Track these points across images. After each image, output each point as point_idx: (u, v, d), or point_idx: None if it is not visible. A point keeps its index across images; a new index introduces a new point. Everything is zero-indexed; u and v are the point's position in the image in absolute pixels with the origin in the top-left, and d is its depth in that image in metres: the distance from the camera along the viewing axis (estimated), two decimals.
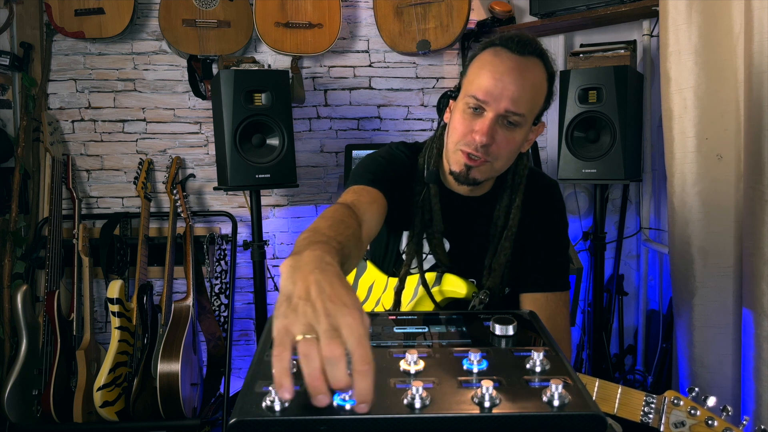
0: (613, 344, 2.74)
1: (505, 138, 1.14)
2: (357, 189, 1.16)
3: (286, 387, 0.57)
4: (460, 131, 1.16)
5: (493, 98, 1.11)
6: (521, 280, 1.29)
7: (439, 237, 1.26)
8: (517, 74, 1.12)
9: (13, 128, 2.56)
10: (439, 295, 1.24)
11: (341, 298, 0.61)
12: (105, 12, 2.44)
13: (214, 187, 2.40)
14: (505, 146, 1.15)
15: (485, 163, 1.16)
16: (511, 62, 1.13)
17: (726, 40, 1.87)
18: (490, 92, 1.11)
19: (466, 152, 1.15)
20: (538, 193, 1.30)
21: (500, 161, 1.18)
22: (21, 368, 2.29)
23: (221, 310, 2.57)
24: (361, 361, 0.57)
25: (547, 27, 2.57)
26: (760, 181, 1.63)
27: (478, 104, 1.13)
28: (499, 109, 1.12)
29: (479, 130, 1.12)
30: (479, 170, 1.17)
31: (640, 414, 1.10)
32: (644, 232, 2.68)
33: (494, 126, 1.13)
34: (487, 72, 1.13)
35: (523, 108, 1.12)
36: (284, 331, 0.60)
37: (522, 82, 1.12)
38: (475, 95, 1.13)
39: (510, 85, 1.11)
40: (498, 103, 1.11)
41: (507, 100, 1.11)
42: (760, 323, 1.66)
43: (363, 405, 0.57)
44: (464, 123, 1.15)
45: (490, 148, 1.14)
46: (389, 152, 1.31)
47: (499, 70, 1.12)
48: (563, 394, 0.57)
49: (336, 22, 2.55)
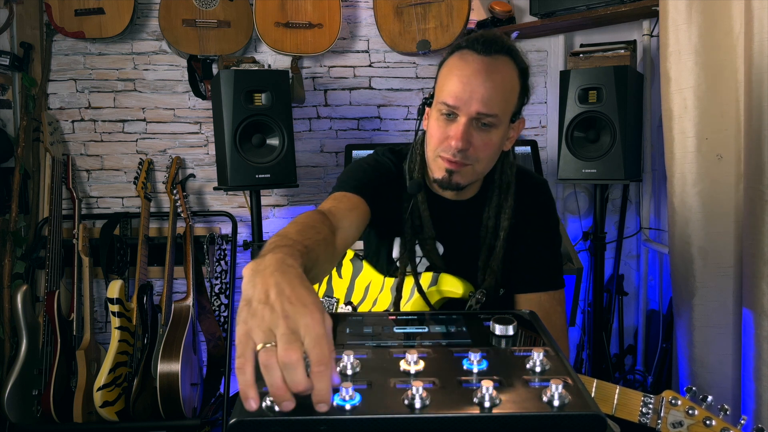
0: (613, 344, 2.74)
1: (482, 140, 1.15)
2: (338, 196, 1.17)
3: (252, 398, 0.57)
4: (437, 138, 1.17)
5: (463, 102, 1.12)
6: (515, 281, 1.29)
7: (432, 242, 1.27)
8: (485, 75, 1.11)
9: (13, 128, 2.56)
10: (436, 294, 1.24)
11: (301, 298, 0.61)
12: (105, 12, 2.44)
13: (214, 187, 2.40)
14: (483, 148, 1.15)
15: (466, 167, 1.16)
16: (477, 64, 1.12)
17: (726, 40, 1.87)
18: (459, 97, 1.12)
19: (445, 158, 1.16)
20: (527, 192, 1.30)
21: (481, 163, 1.18)
22: (21, 368, 2.29)
23: (221, 310, 2.57)
24: (317, 362, 0.57)
25: (547, 27, 2.57)
26: (760, 181, 1.63)
27: (450, 110, 1.14)
28: (470, 112, 1.12)
29: (454, 135, 1.13)
30: (460, 174, 1.18)
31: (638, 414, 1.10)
32: (644, 232, 2.68)
33: (469, 129, 1.13)
34: (455, 77, 1.13)
35: (495, 108, 1.12)
36: (245, 339, 0.60)
37: (490, 84, 1.11)
38: (446, 101, 1.13)
39: (479, 88, 1.11)
40: (468, 107, 1.11)
41: (477, 103, 1.11)
42: (760, 323, 1.66)
43: (322, 405, 0.57)
44: (439, 130, 1.16)
45: (467, 152, 1.14)
46: (375, 159, 1.32)
47: (465, 73, 1.12)
48: (563, 394, 0.57)
49: (336, 22, 2.55)
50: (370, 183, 1.23)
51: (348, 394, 0.57)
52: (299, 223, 0.93)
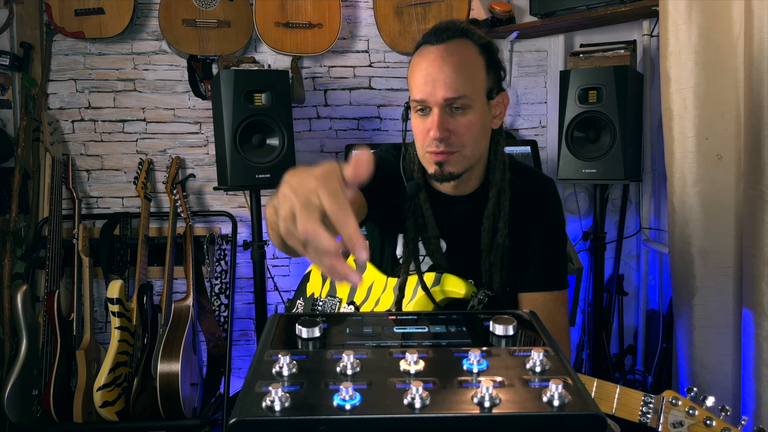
0: (613, 344, 2.74)
1: (461, 123, 1.16)
2: None
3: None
4: (419, 135, 1.20)
5: (428, 94, 1.14)
6: (519, 280, 1.28)
7: (436, 242, 1.27)
8: (441, 62, 1.14)
9: (13, 128, 2.56)
10: (439, 294, 1.24)
11: (309, 172, 0.63)
12: (105, 12, 2.44)
13: (214, 187, 2.40)
14: (464, 132, 1.16)
15: (453, 154, 1.17)
16: (431, 54, 1.15)
17: (726, 40, 1.87)
18: (423, 90, 1.14)
19: (431, 151, 1.17)
20: (533, 191, 1.29)
21: (467, 147, 1.18)
22: (21, 368, 2.29)
23: (221, 310, 2.57)
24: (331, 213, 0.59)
25: (547, 27, 2.57)
26: (760, 182, 1.63)
27: (421, 104, 1.16)
28: (437, 101, 1.14)
29: (431, 126, 1.15)
30: (450, 163, 1.18)
31: (638, 414, 1.10)
32: (644, 232, 2.68)
33: (443, 118, 1.14)
34: (416, 73, 1.17)
35: (461, 90, 1.13)
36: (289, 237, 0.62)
37: (448, 67, 1.13)
38: (414, 98, 1.17)
39: (439, 75, 1.13)
40: (435, 96, 1.14)
41: (441, 89, 1.13)
42: (760, 323, 1.66)
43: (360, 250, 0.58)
44: (419, 127, 1.19)
45: (449, 139, 1.15)
46: (378, 155, 1.32)
47: (424, 66, 1.15)
48: (563, 394, 0.57)
49: (336, 22, 2.55)
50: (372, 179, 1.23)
51: (348, 394, 0.57)
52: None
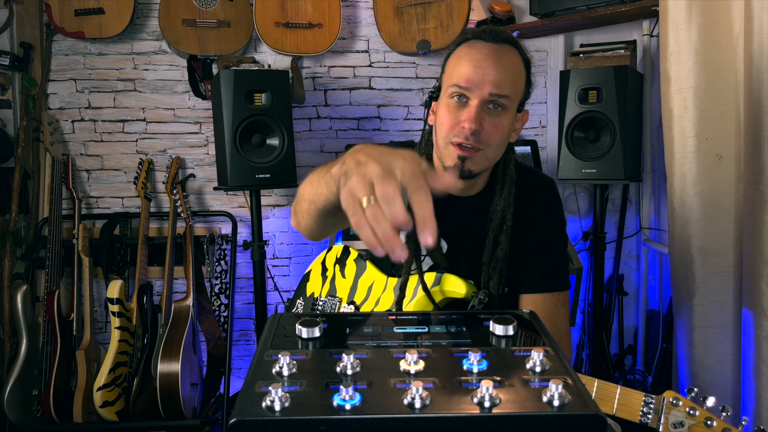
0: (613, 344, 2.74)
1: (493, 124, 1.15)
2: None
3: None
4: (448, 124, 1.16)
5: (475, 84, 1.13)
6: (520, 281, 1.28)
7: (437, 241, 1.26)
8: (495, 59, 1.14)
9: (13, 128, 2.56)
10: (439, 294, 1.24)
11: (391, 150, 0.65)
12: (105, 12, 2.44)
13: (214, 187, 2.40)
14: (494, 132, 1.16)
15: (478, 152, 1.16)
16: (486, 49, 1.15)
17: (726, 40, 1.87)
18: (471, 79, 1.13)
19: (457, 143, 1.15)
20: (534, 192, 1.29)
21: (492, 148, 1.17)
22: (21, 368, 2.29)
23: (221, 310, 2.57)
24: (415, 190, 0.60)
25: (547, 27, 2.57)
26: (760, 181, 1.63)
27: (461, 92, 1.14)
28: (483, 94, 1.13)
29: (467, 118, 1.13)
30: (473, 161, 1.17)
31: (639, 414, 1.10)
32: (644, 232, 2.68)
33: (481, 112, 1.13)
34: (466, 61, 1.15)
35: (507, 89, 1.14)
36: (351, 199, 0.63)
37: (501, 66, 1.14)
38: (458, 83, 1.14)
39: (490, 70, 1.13)
40: (481, 88, 1.13)
41: (489, 84, 1.12)
42: (759, 323, 1.66)
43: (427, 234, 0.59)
44: (450, 115, 1.16)
45: (480, 135, 1.14)
46: None
47: (476, 57, 1.14)
48: (563, 394, 0.57)
49: (336, 22, 2.55)
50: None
51: (348, 394, 0.57)
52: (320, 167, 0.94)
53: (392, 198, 0.59)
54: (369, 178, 0.62)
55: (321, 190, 0.82)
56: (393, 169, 0.61)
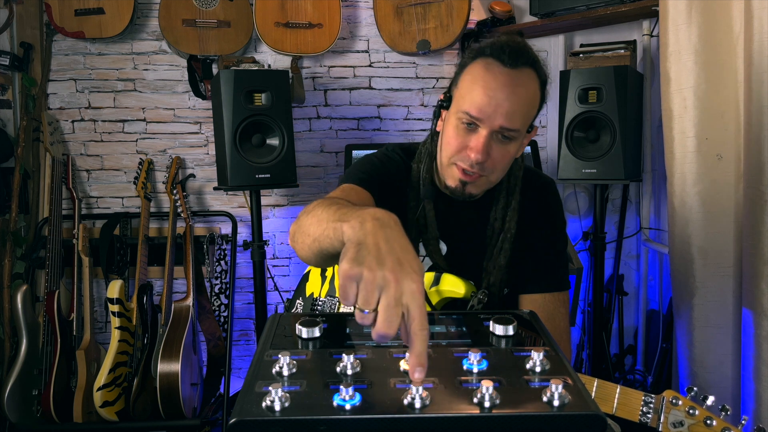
0: (613, 344, 2.74)
1: (500, 152, 1.14)
2: (346, 188, 1.17)
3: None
4: (454, 146, 1.16)
5: (486, 116, 1.10)
6: (519, 281, 1.28)
7: (435, 242, 1.26)
8: (510, 90, 1.10)
9: (13, 128, 2.56)
10: (436, 295, 1.24)
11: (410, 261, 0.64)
12: (105, 12, 2.44)
13: (214, 187, 2.40)
14: (500, 160, 1.16)
15: (481, 178, 1.17)
16: (503, 77, 1.10)
17: (726, 40, 1.87)
18: (483, 110, 1.10)
19: (461, 168, 1.15)
20: (534, 192, 1.29)
21: (496, 173, 1.18)
22: (21, 368, 2.29)
23: (221, 310, 2.57)
24: (421, 327, 0.60)
25: (547, 27, 2.57)
26: (760, 181, 1.63)
27: (472, 120, 1.12)
28: (493, 126, 1.11)
29: (474, 147, 1.12)
30: (475, 185, 1.18)
31: (638, 414, 1.10)
32: (644, 232, 2.68)
33: (489, 142, 1.12)
34: (480, 88, 1.11)
35: (517, 123, 1.12)
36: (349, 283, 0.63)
37: (515, 98, 1.10)
38: (469, 112, 1.12)
39: (504, 102, 1.10)
40: (492, 120, 1.11)
41: (501, 117, 1.10)
42: (759, 323, 1.66)
43: (419, 369, 0.59)
44: (458, 138, 1.15)
45: (485, 164, 1.14)
46: (384, 155, 1.31)
47: (491, 86, 1.10)
48: (563, 394, 0.57)
49: (336, 22, 2.55)
50: (378, 177, 1.23)
51: (348, 394, 0.57)
52: (332, 201, 0.90)
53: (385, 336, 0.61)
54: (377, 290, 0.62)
55: (328, 233, 0.77)
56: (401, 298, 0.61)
